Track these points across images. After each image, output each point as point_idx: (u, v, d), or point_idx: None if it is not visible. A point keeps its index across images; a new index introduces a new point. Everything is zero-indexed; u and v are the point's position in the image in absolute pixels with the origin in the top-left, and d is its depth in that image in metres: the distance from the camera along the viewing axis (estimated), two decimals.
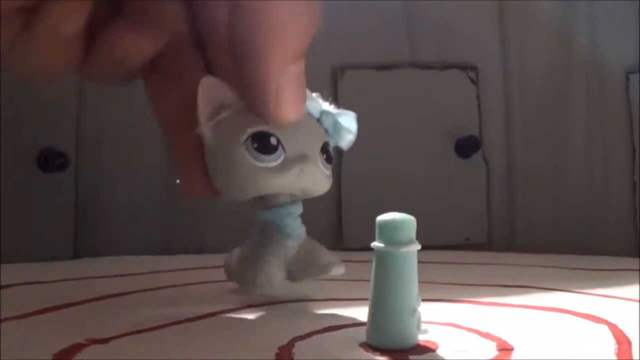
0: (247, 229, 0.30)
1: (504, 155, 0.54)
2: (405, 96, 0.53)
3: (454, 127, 0.53)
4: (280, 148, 0.27)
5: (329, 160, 0.29)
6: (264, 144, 0.27)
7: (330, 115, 0.29)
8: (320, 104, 0.29)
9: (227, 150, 0.27)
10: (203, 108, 0.27)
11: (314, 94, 0.29)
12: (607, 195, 0.54)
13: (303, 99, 0.27)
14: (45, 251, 0.46)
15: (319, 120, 0.29)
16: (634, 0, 0.54)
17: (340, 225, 0.51)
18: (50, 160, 0.46)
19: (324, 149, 0.28)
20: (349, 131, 0.30)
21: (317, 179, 0.28)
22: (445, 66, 0.53)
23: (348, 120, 0.29)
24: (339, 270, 0.29)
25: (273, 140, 0.27)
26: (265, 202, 0.29)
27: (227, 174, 0.27)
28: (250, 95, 0.26)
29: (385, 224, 0.23)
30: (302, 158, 0.27)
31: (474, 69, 0.53)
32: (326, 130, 0.29)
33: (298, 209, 0.29)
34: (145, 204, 0.50)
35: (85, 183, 0.49)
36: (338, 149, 0.30)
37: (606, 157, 0.54)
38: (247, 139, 0.27)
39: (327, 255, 0.29)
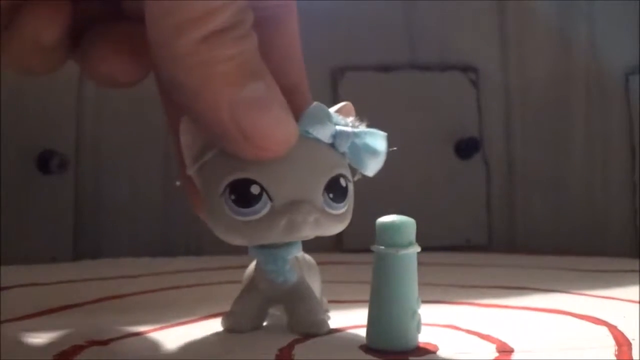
0: None
1: (504, 156, 0.54)
2: (405, 98, 0.53)
3: (454, 128, 0.53)
4: (264, 197, 0.23)
5: (338, 198, 0.24)
6: (243, 194, 0.23)
7: (346, 137, 0.24)
8: (332, 126, 0.24)
9: (209, 201, 0.24)
10: (188, 148, 0.24)
11: (331, 109, 0.24)
12: (607, 197, 0.54)
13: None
14: (46, 253, 0.46)
15: (333, 145, 0.24)
16: (634, 0, 0.54)
17: None
18: (50, 162, 0.46)
19: (333, 184, 0.24)
20: (373, 153, 0.25)
21: (319, 227, 0.23)
22: (445, 67, 0.53)
23: (374, 140, 0.25)
24: (318, 331, 0.25)
25: (254, 190, 0.23)
26: None
27: (212, 223, 0.24)
28: (215, 138, 0.23)
29: (385, 226, 0.23)
30: (292, 206, 0.23)
31: (474, 70, 0.53)
32: (345, 156, 0.25)
33: (291, 251, 0.25)
34: (145, 204, 0.50)
35: (85, 184, 0.49)
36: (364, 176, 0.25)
37: (606, 158, 0.54)
38: (225, 190, 0.23)
39: (309, 314, 0.25)
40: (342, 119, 0.25)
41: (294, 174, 0.23)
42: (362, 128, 0.25)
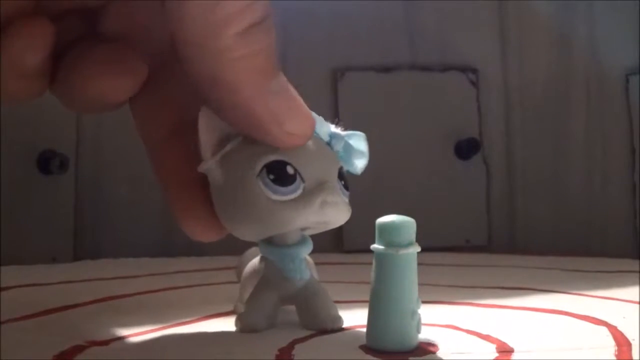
0: None
1: (504, 156, 0.54)
2: (405, 98, 0.53)
3: (454, 129, 0.53)
4: (298, 178, 0.24)
5: (346, 186, 0.26)
6: (281, 174, 0.24)
7: (340, 137, 0.26)
8: (328, 126, 0.26)
9: (240, 186, 0.24)
10: (206, 142, 0.24)
11: (318, 117, 0.26)
12: (606, 197, 0.54)
13: (304, 110, 0.24)
14: (46, 253, 0.46)
15: (328, 144, 0.26)
16: (634, 0, 0.54)
17: (340, 227, 0.51)
18: (50, 162, 0.46)
19: (340, 174, 0.26)
20: (362, 153, 0.27)
21: (339, 210, 0.25)
22: (445, 68, 0.53)
23: (358, 142, 0.27)
24: (334, 326, 0.26)
25: (290, 170, 0.24)
26: (270, 237, 0.26)
27: (242, 213, 0.24)
28: (248, 128, 0.24)
29: (385, 226, 0.23)
30: (322, 187, 0.24)
31: (473, 70, 0.53)
32: (338, 155, 0.26)
33: (305, 250, 0.26)
34: (145, 205, 0.50)
35: (85, 185, 0.49)
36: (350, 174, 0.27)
37: (606, 158, 0.54)
38: (262, 171, 0.24)
39: (324, 309, 0.26)
40: (327, 124, 0.26)
41: (317, 158, 0.25)
42: (346, 132, 0.26)
